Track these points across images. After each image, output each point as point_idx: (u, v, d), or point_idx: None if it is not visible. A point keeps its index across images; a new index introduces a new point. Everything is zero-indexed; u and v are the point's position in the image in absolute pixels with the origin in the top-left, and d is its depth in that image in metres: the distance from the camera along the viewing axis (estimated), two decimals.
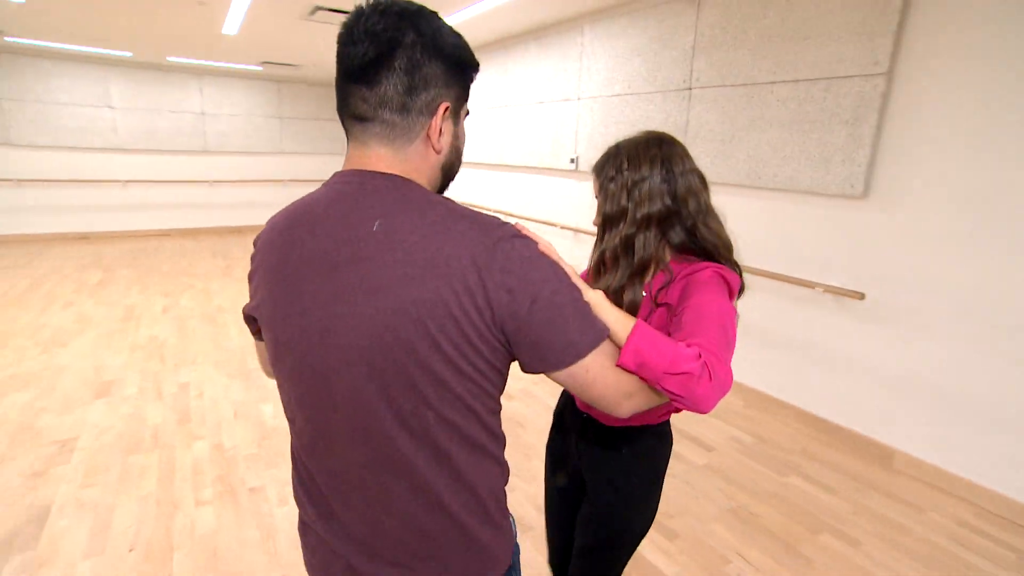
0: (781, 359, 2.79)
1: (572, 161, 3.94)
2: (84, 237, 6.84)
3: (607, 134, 3.64)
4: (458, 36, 0.65)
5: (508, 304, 0.57)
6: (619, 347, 0.66)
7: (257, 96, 7.48)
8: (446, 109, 0.64)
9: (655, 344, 0.66)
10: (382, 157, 0.64)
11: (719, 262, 0.93)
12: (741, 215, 2.86)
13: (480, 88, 5.11)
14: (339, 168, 0.67)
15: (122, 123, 6.72)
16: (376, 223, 0.59)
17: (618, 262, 0.94)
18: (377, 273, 0.58)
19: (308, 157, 8.09)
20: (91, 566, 1.66)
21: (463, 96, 0.68)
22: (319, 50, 5.35)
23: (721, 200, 3.14)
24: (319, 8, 3.78)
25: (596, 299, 0.68)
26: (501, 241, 0.58)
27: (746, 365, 2.95)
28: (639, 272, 0.93)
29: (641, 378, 0.66)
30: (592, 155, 3.76)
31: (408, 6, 0.62)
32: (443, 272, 0.56)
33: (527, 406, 2.80)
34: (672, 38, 3.09)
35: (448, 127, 0.66)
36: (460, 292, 0.56)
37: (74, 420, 2.50)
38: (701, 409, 0.68)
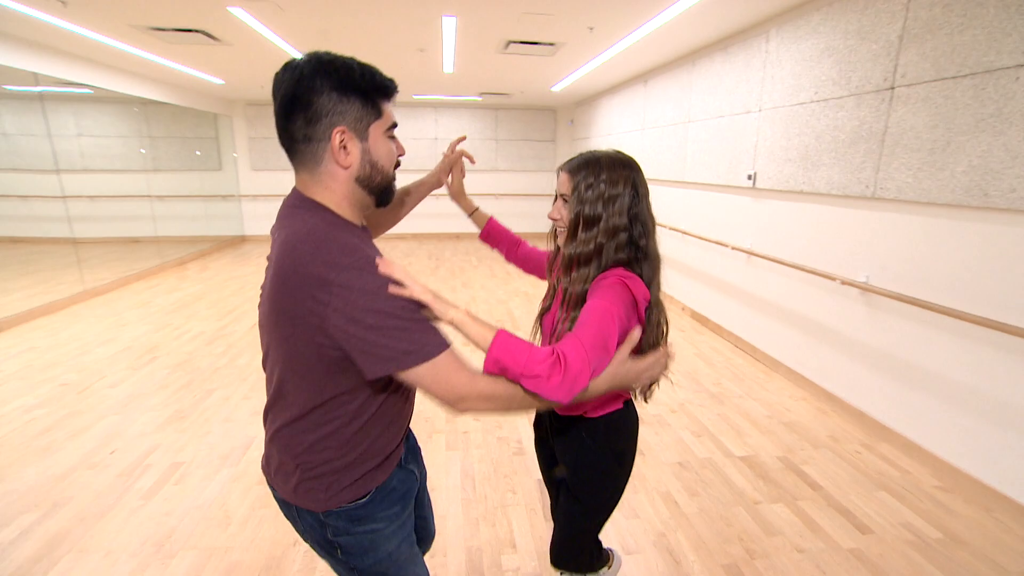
0: (1011, 438, 2.07)
1: (749, 178, 3.55)
2: None
3: (789, 147, 3.19)
4: (347, 70, 0.78)
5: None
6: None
7: (478, 122, 8.64)
8: (342, 132, 0.79)
9: (511, 352, 0.79)
10: (303, 179, 0.84)
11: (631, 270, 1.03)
12: (955, 243, 2.22)
13: (663, 105, 4.97)
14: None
15: None
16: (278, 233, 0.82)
17: (587, 264, 1.03)
18: (269, 275, 0.80)
19: (518, 174, 8.94)
20: None
21: (367, 116, 0.81)
22: (522, 78, 5.92)
23: (925, 224, 2.58)
24: (511, 42, 4.23)
25: (459, 317, 0.81)
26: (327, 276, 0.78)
27: (950, 431, 2.27)
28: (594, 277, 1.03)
29: (508, 379, 0.81)
30: (772, 171, 3.34)
31: (306, 60, 0.78)
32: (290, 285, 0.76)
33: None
34: (873, 29, 2.57)
35: (354, 145, 0.81)
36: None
37: None
38: (556, 400, 0.80)
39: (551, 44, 4.26)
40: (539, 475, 2.14)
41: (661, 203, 5.13)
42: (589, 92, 6.94)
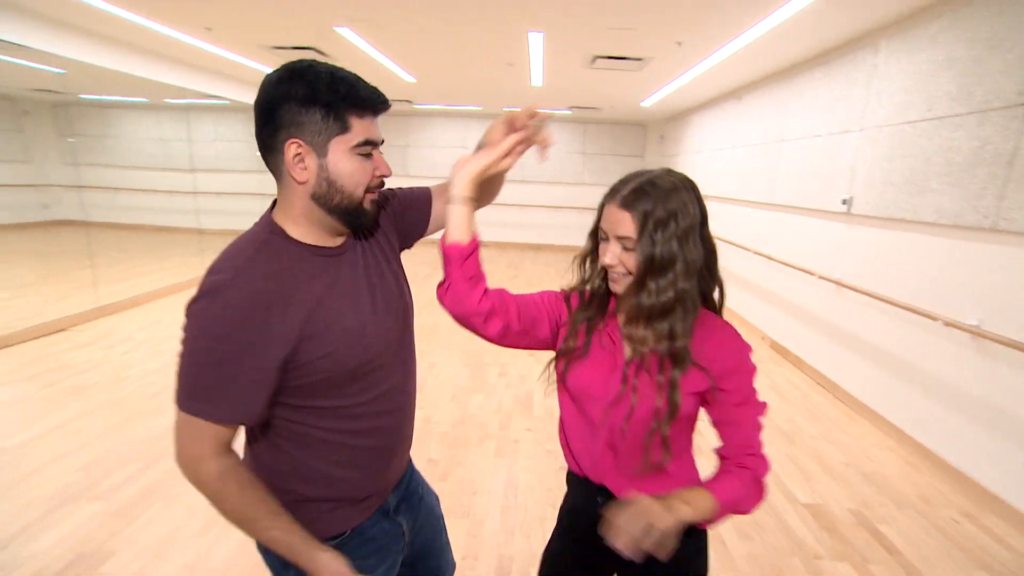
0: None
1: (844, 203, 3.25)
2: (433, 242, 9.24)
3: (891, 170, 2.89)
4: (313, 79, 0.72)
5: None
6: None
7: (566, 135, 8.70)
8: (297, 146, 0.73)
9: (732, 501, 0.85)
10: (278, 192, 0.80)
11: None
12: None
13: (755, 123, 4.71)
14: None
15: None
16: None
17: (667, 316, 0.82)
18: None
19: (604, 189, 8.81)
20: None
21: (328, 130, 0.74)
22: (611, 92, 5.89)
23: None
24: (597, 57, 4.24)
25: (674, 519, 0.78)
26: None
27: None
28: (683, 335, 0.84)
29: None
30: (870, 196, 3.05)
31: (281, 68, 0.74)
32: None
33: None
34: (1008, 37, 2.26)
35: (311, 160, 0.74)
36: None
37: None
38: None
39: (638, 59, 4.21)
40: None
41: (747, 225, 4.85)
42: (680, 107, 6.75)
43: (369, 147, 0.78)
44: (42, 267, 6.06)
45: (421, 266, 6.86)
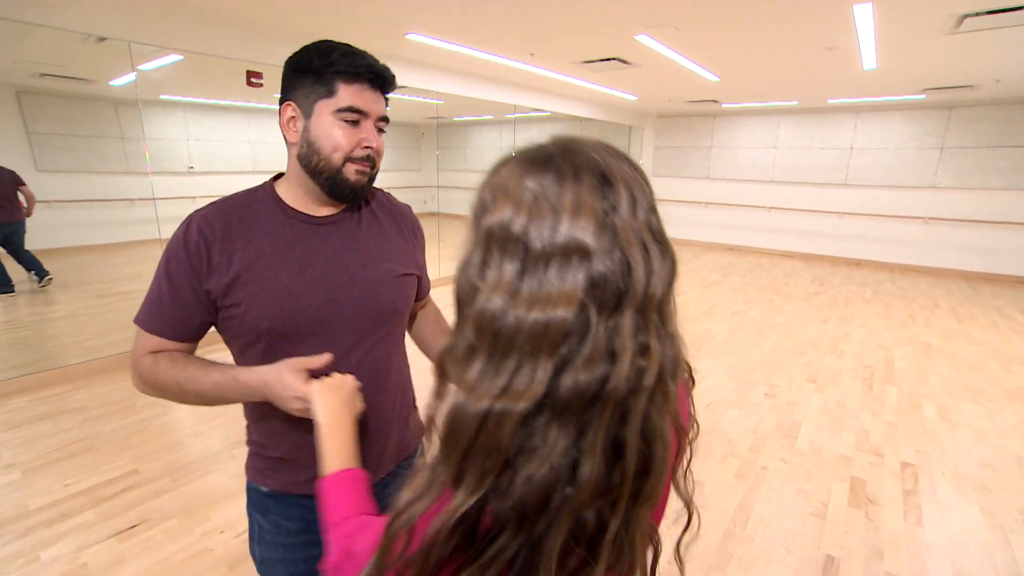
0: None
1: None
2: (730, 248, 8.67)
3: None
4: (310, 49, 0.78)
5: None
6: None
7: (914, 126, 6.82)
8: (291, 108, 0.80)
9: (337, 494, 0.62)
10: None
11: None
12: None
13: None
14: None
15: (780, 160, 7.92)
16: None
17: None
18: None
19: (968, 192, 6.66)
20: None
21: (315, 93, 0.78)
22: (995, 62, 4.40)
23: None
24: (967, 16, 3.26)
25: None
26: None
27: None
28: None
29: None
30: None
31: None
32: None
33: None
34: None
35: (299, 122, 0.80)
36: None
37: None
38: None
39: None
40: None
41: None
42: None
43: (355, 114, 0.78)
44: None
45: (711, 272, 6.57)
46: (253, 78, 3.93)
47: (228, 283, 0.79)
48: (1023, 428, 2.82)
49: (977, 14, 3.20)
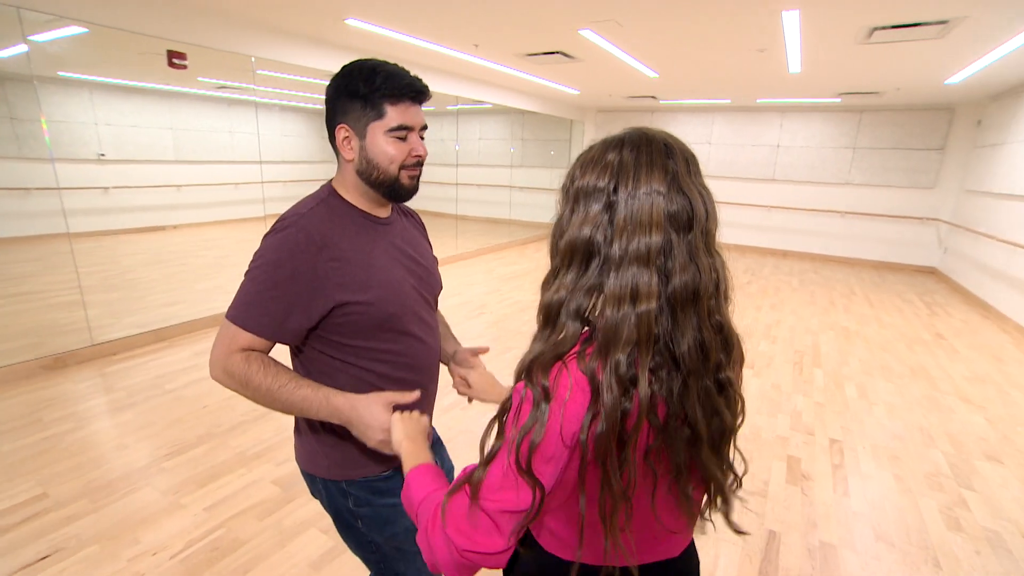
0: None
1: None
2: None
3: None
4: (356, 74, 0.87)
5: None
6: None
7: (832, 127, 7.39)
8: (344, 130, 0.90)
9: (419, 482, 0.70)
10: (337, 167, 0.97)
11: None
12: None
13: None
14: None
15: (715, 156, 8.30)
16: None
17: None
18: None
19: (878, 190, 7.29)
20: None
21: (366, 116, 0.88)
22: (897, 71, 4.81)
23: None
24: (876, 28, 3.54)
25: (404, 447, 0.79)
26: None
27: None
28: (544, 321, 0.64)
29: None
30: None
31: (337, 72, 0.91)
32: None
33: None
34: None
35: (354, 142, 0.90)
36: None
37: None
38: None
39: (940, 23, 3.35)
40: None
41: None
42: (1013, 81, 5.09)
43: (404, 131, 0.90)
44: None
45: (743, 274, 6.72)
46: (175, 59, 3.62)
47: (356, 286, 0.89)
48: (925, 401, 3.13)
49: (884, 27, 3.49)
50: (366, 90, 0.87)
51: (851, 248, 7.66)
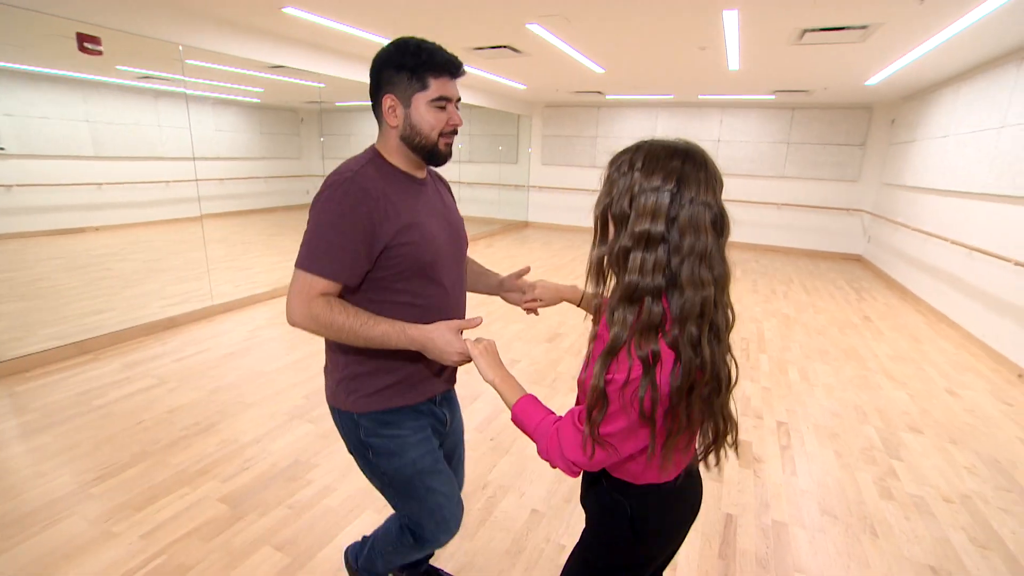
0: None
1: None
2: None
3: None
4: (403, 50, 0.99)
5: None
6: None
7: (768, 123, 7.78)
8: (391, 99, 1.02)
9: (527, 415, 0.90)
10: (379, 132, 1.09)
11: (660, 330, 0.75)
12: None
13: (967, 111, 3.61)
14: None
15: None
16: None
17: (615, 274, 0.80)
18: None
19: (810, 183, 7.75)
20: None
21: (412, 87, 1.00)
22: (825, 71, 5.10)
23: None
24: (807, 31, 3.72)
25: (498, 379, 0.95)
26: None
27: None
28: (629, 299, 0.76)
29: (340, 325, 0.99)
30: None
31: (386, 46, 1.02)
32: None
33: None
34: None
35: (399, 111, 1.02)
36: None
37: None
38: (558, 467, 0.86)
39: (862, 27, 3.57)
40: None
41: (1015, 229, 3.79)
42: (925, 83, 5.51)
43: (444, 102, 1.02)
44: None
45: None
46: (87, 43, 3.29)
47: (401, 227, 1.01)
48: (857, 380, 3.35)
49: (814, 30, 3.68)
50: (413, 63, 0.98)
51: (787, 238, 8.10)
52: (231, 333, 3.84)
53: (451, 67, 1.01)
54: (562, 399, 2.97)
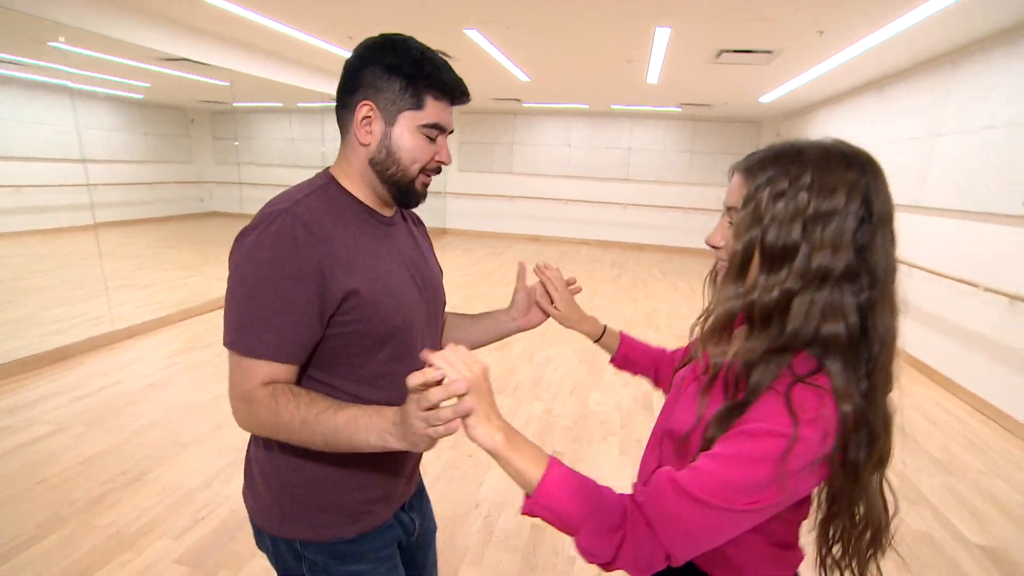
0: None
1: None
2: (535, 239, 9.37)
3: None
4: (403, 52, 0.74)
5: None
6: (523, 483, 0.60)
7: (673, 133, 8.42)
8: (368, 108, 0.74)
9: (564, 501, 0.59)
10: (340, 149, 0.81)
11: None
12: None
13: (902, 117, 4.25)
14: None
15: (574, 157, 8.86)
16: None
17: (764, 324, 0.61)
18: None
19: (711, 188, 8.48)
20: None
21: (403, 101, 0.74)
22: (728, 88, 5.61)
23: None
24: (724, 51, 4.06)
25: (493, 444, 0.60)
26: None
27: None
28: (781, 349, 0.59)
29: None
30: None
31: (374, 38, 0.77)
32: None
33: None
34: None
35: (378, 125, 0.75)
36: None
37: None
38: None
39: (768, 52, 3.97)
40: None
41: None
42: (804, 103, 6.27)
43: (436, 131, 0.78)
44: (203, 252, 6.94)
45: (611, 268, 6.93)
46: None
47: (357, 283, 0.73)
48: None
49: (730, 51, 4.03)
50: (412, 71, 0.73)
51: (695, 240, 8.77)
52: (144, 361, 3.35)
53: (456, 92, 0.78)
54: (528, 408, 2.95)
